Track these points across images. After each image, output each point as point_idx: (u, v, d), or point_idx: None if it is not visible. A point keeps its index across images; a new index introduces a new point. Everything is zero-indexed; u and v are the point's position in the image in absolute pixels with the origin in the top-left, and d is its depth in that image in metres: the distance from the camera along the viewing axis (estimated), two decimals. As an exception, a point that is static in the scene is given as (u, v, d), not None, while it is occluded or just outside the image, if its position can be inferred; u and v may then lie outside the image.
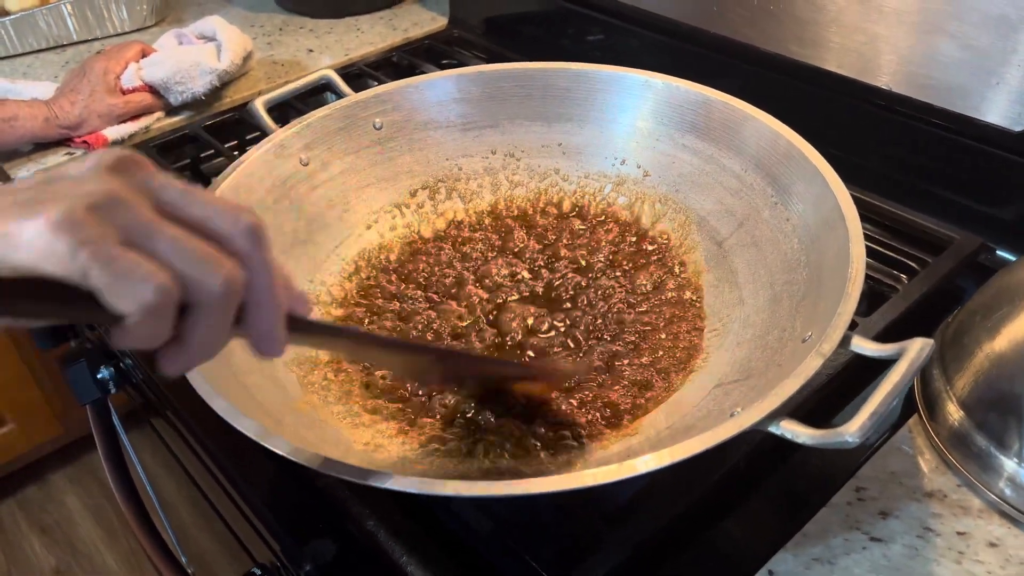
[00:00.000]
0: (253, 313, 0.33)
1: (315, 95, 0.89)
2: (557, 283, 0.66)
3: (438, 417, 0.55)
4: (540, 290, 0.66)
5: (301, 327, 0.37)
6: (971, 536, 0.49)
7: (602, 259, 0.68)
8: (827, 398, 0.57)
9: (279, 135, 0.66)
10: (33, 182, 0.30)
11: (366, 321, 0.64)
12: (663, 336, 0.60)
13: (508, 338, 0.61)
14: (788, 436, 0.42)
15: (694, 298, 0.63)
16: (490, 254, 0.69)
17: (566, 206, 0.73)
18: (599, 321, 0.62)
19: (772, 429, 0.42)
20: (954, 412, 0.53)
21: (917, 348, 0.43)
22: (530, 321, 0.63)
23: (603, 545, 0.48)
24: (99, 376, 0.76)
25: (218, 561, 1.01)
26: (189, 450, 0.67)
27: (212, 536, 0.97)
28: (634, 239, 0.69)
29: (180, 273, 0.29)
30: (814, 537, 0.49)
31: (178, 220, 0.31)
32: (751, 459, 0.52)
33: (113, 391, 0.79)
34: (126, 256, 0.28)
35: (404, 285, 0.67)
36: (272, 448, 0.42)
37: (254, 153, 0.64)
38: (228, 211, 0.32)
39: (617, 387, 0.57)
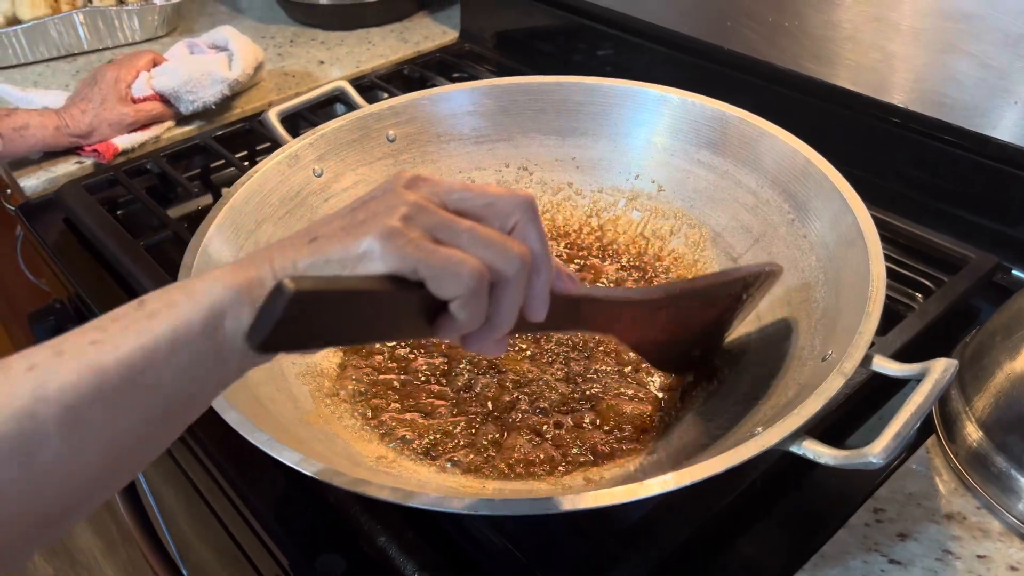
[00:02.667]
0: (532, 280, 0.37)
1: (325, 107, 0.89)
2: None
3: (454, 431, 0.55)
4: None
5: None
6: (991, 560, 0.48)
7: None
8: (843, 417, 0.56)
9: (293, 146, 0.66)
10: (347, 210, 0.36)
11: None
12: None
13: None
14: (810, 456, 0.41)
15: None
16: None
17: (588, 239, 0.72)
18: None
19: (794, 449, 0.42)
20: (973, 433, 0.52)
21: (941, 369, 0.43)
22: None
23: (617, 565, 0.47)
24: (106, 386, 0.76)
25: (219, 574, 1.00)
26: (196, 461, 0.66)
27: (213, 548, 0.96)
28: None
29: (482, 258, 0.35)
30: (832, 559, 0.49)
31: (466, 214, 0.36)
32: (768, 479, 0.52)
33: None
34: (441, 249, 0.34)
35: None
36: (290, 464, 0.42)
37: (268, 163, 0.64)
38: (504, 195, 0.37)
39: (631, 405, 0.56)
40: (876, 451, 0.39)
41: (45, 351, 0.30)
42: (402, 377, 0.59)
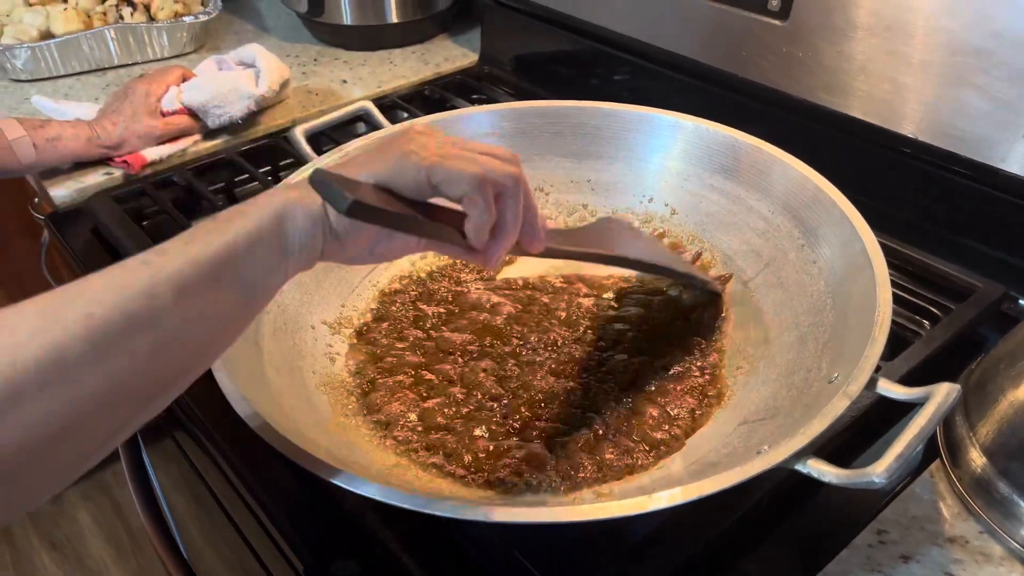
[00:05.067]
0: (525, 212, 0.46)
1: (347, 126, 0.91)
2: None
3: (470, 444, 0.56)
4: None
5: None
6: (993, 583, 0.49)
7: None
8: (849, 440, 0.57)
9: (317, 163, 0.68)
10: (373, 147, 0.45)
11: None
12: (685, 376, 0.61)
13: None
14: (815, 475, 0.42)
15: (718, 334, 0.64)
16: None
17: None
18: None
19: (799, 467, 0.43)
20: (977, 459, 0.53)
21: (944, 393, 0.44)
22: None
23: (625, 578, 0.48)
24: (128, 391, 0.77)
25: (229, 580, 1.01)
26: (214, 466, 0.68)
27: (222, 555, 0.98)
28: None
29: (485, 172, 0.43)
30: (835, 578, 0.50)
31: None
32: (774, 498, 0.53)
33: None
34: (449, 160, 0.43)
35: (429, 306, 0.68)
36: (314, 471, 0.43)
37: (294, 179, 0.66)
38: (495, 146, 0.46)
39: (643, 423, 0.58)
40: (879, 471, 0.40)
41: (152, 252, 0.39)
42: (420, 390, 0.61)
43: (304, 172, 0.65)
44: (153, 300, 0.36)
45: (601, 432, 0.57)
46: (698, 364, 0.61)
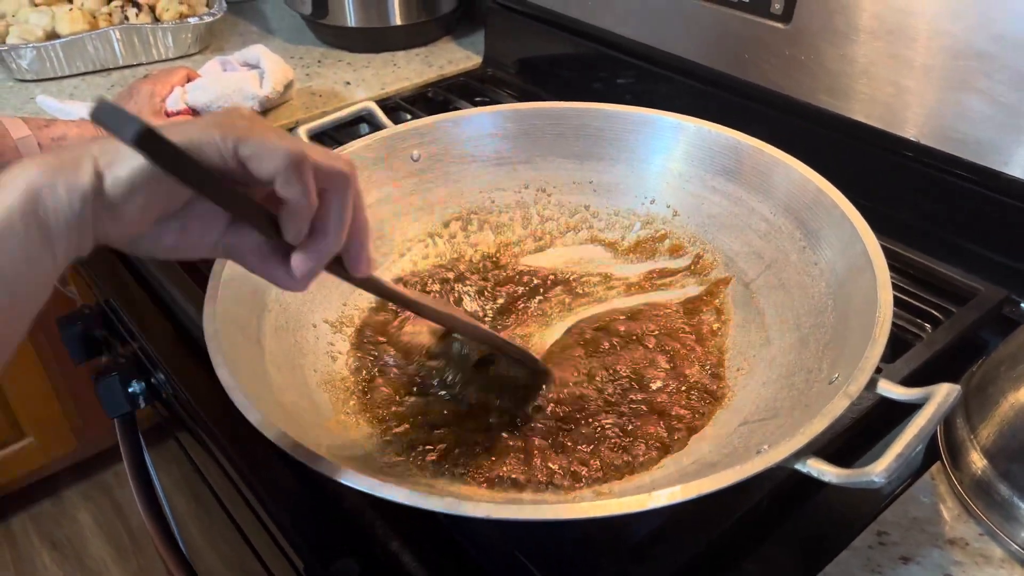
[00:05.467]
0: (353, 226, 0.41)
1: (349, 127, 0.91)
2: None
3: (468, 442, 0.56)
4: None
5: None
6: (993, 585, 0.49)
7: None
8: (850, 442, 0.57)
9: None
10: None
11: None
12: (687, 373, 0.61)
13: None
14: (814, 474, 0.42)
15: (719, 336, 0.64)
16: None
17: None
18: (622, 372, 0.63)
19: (798, 467, 0.43)
20: (977, 461, 0.53)
21: (944, 393, 0.44)
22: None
23: (625, 577, 0.48)
24: (130, 390, 0.78)
25: (229, 580, 1.01)
26: (215, 464, 0.68)
27: (222, 554, 0.98)
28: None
29: (307, 153, 0.37)
30: (835, 579, 0.50)
31: None
32: (773, 499, 0.53)
33: (142, 406, 0.80)
34: (265, 133, 0.36)
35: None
36: (320, 469, 0.43)
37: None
38: (328, 149, 0.40)
39: (644, 425, 0.58)
40: (878, 470, 0.40)
41: None
42: (421, 396, 0.61)
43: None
44: None
45: (601, 432, 0.57)
46: (699, 365, 0.62)
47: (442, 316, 0.55)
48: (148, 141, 0.32)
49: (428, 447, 0.56)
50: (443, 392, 0.60)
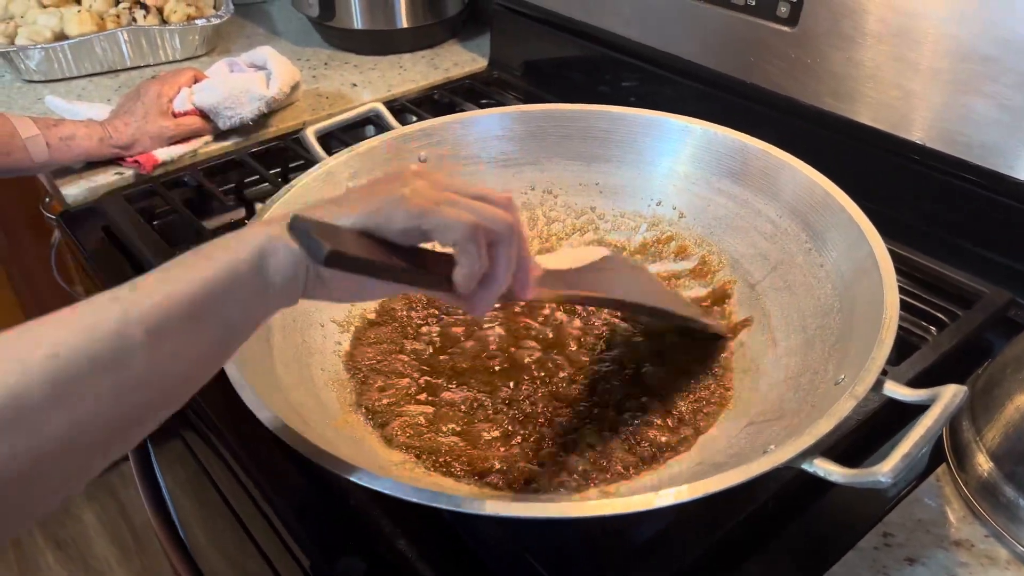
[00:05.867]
0: (519, 257, 0.45)
1: (356, 128, 0.92)
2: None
3: (477, 442, 0.56)
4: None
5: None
6: (998, 587, 0.49)
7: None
8: (855, 444, 0.57)
9: (329, 163, 0.68)
10: (365, 187, 0.44)
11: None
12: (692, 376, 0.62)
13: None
14: (821, 474, 0.43)
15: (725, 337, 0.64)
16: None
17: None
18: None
19: (805, 466, 0.43)
20: (983, 463, 0.53)
21: (950, 394, 0.44)
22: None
23: (631, 576, 0.48)
24: (137, 389, 0.78)
25: (234, 582, 1.02)
26: (221, 463, 0.68)
27: (226, 555, 0.98)
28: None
29: (479, 220, 0.41)
30: (841, 580, 0.50)
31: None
32: (779, 500, 0.53)
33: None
34: (442, 206, 0.41)
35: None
36: (331, 468, 0.44)
37: (304, 178, 0.66)
38: (493, 191, 0.44)
39: (650, 425, 0.58)
40: (885, 470, 0.40)
41: (123, 288, 0.37)
42: (428, 388, 0.61)
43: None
44: (123, 340, 0.35)
45: (608, 432, 0.57)
46: (705, 366, 0.62)
47: (611, 302, 0.60)
48: (336, 261, 0.38)
49: (435, 447, 0.56)
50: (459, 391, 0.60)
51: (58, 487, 0.35)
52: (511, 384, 0.61)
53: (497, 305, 0.51)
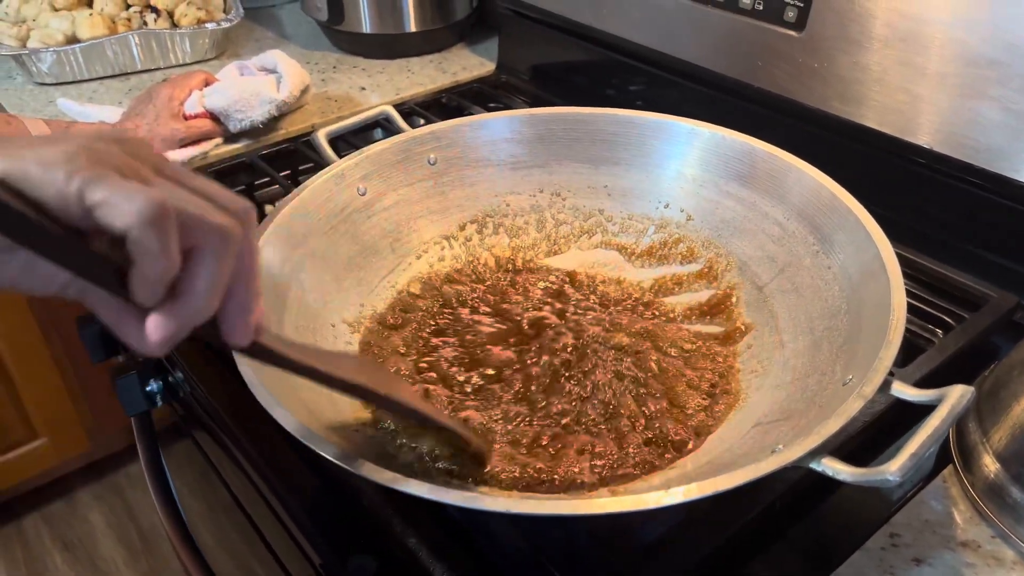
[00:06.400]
0: (235, 284, 0.33)
1: (366, 131, 0.92)
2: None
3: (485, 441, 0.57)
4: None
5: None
6: (1005, 587, 0.50)
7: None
8: (862, 444, 0.58)
9: (339, 165, 0.69)
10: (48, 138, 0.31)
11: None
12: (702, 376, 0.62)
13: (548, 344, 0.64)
14: (830, 473, 0.43)
15: (733, 339, 0.65)
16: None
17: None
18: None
19: (813, 466, 0.43)
20: (990, 464, 0.54)
21: (957, 395, 0.44)
22: (569, 339, 0.64)
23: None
24: (148, 389, 0.79)
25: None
26: (232, 462, 0.69)
27: (235, 555, 0.99)
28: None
29: (179, 211, 0.30)
30: (848, 580, 0.50)
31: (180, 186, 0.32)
32: (786, 500, 0.53)
33: (159, 404, 0.81)
34: (121, 179, 0.29)
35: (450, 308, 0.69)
36: (351, 469, 0.44)
37: (315, 181, 0.67)
38: (226, 192, 0.33)
39: (658, 423, 0.58)
40: (893, 469, 0.41)
41: None
42: (439, 389, 0.62)
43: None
44: None
45: (618, 433, 0.57)
46: (712, 367, 0.62)
47: (354, 388, 0.46)
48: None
49: (445, 445, 0.56)
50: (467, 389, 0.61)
51: None
52: (519, 386, 0.61)
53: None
